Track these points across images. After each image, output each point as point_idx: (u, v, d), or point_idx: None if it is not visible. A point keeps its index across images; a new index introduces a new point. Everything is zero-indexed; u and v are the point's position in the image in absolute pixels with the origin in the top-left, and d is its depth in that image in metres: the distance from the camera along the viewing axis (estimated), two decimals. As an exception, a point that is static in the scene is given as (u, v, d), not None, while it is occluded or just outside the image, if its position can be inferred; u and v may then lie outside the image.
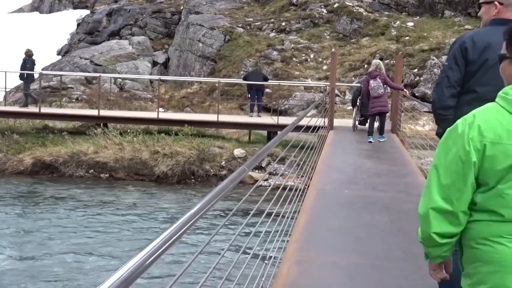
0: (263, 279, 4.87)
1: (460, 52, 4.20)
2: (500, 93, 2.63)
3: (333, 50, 28.93)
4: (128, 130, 21.68)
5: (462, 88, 3.73)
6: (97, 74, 28.69)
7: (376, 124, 16.12)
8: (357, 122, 18.65)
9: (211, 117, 23.10)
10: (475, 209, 2.59)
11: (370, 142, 15.43)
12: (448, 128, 2.69)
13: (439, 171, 2.61)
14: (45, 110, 23.78)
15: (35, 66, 24.83)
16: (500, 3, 4.15)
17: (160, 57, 37.67)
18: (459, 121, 2.62)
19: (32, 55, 24.39)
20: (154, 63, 37.03)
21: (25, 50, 24.68)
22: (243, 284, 4.57)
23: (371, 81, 15.55)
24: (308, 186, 9.38)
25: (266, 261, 5.18)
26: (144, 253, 2.05)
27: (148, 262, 2.03)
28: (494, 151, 2.48)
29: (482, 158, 2.51)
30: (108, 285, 1.77)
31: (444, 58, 26.48)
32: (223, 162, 19.93)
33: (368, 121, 16.42)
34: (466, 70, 4.09)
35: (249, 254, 4.95)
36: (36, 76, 27.38)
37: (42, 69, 33.81)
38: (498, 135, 2.48)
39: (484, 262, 2.54)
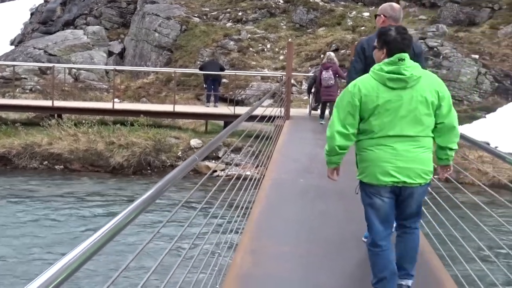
0: (216, 269, 4.85)
1: (361, 50, 5.95)
2: (371, 69, 4.53)
3: (289, 40, 28.95)
4: (83, 121, 21.44)
5: (363, 73, 4.96)
6: (51, 65, 28.23)
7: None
8: (311, 108, 20.63)
9: (167, 108, 22.99)
10: (359, 132, 4.53)
11: (321, 124, 17.39)
12: (345, 88, 4.69)
13: (339, 111, 4.53)
14: (-3, 101, 23.40)
15: None
16: (384, 16, 5.87)
17: (116, 47, 37.27)
18: (349, 84, 4.57)
19: None
20: (110, 53, 36.62)
21: None
22: (195, 275, 4.55)
23: (323, 72, 17.30)
24: (264, 176, 9.39)
25: (219, 251, 5.17)
26: (87, 244, 2.02)
27: (91, 252, 2.00)
28: (366, 99, 4.40)
29: (360, 103, 4.42)
30: (47, 277, 1.74)
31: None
32: (180, 153, 19.84)
33: (320, 107, 18.47)
34: (365, 62, 5.76)
35: (201, 244, 4.93)
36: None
37: (-5, 59, 33.23)
38: (368, 91, 4.41)
39: (364, 161, 4.51)
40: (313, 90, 20.20)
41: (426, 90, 4.39)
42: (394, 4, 5.92)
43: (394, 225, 4.94)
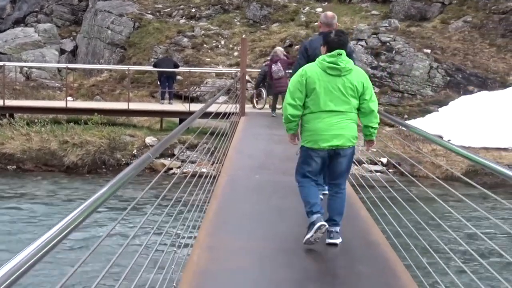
0: (173, 266, 4.83)
1: (304, 49, 7.72)
2: (317, 59, 5.98)
3: (243, 36, 28.96)
4: (36, 120, 21.13)
5: None
6: (1, 63, 27.73)
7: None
8: (255, 102, 21.69)
9: (121, 105, 22.82)
10: (304, 107, 5.94)
11: (273, 116, 18.33)
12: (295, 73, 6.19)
13: (290, 89, 5.98)
14: None
15: None
16: (320, 22, 7.79)
17: (68, 45, 36.84)
18: (299, 69, 6.06)
19: None
20: (62, 51, 36.18)
21: None
22: (152, 271, 4.53)
23: (273, 66, 18.13)
24: (220, 173, 9.38)
25: (175, 248, 5.15)
26: (38, 243, 1.99)
27: (41, 253, 1.98)
28: (309, 80, 5.84)
29: (306, 83, 5.86)
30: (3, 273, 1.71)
31: (352, 43, 26.96)
32: (135, 151, 19.70)
33: (272, 99, 19.42)
34: (308, 58, 7.22)
35: (157, 240, 4.91)
36: None
37: None
38: (312, 74, 5.86)
39: (307, 131, 5.93)
40: (264, 85, 20.92)
41: (354, 80, 5.86)
42: (328, 13, 7.86)
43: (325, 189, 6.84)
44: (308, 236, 5.68)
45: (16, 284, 1.84)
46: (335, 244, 5.88)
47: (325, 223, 5.69)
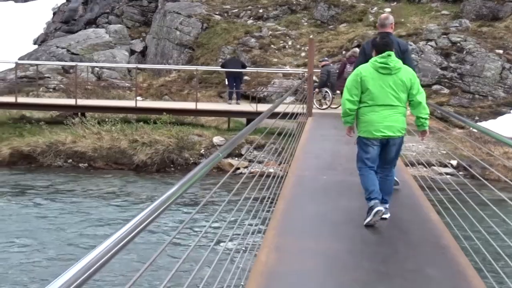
0: (241, 265, 4.85)
1: (363, 50, 8.41)
2: (370, 60, 6.82)
3: (311, 36, 28.86)
4: (106, 119, 21.53)
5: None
6: (74, 63, 28.43)
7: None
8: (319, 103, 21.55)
9: (189, 105, 23.02)
10: (360, 101, 6.76)
11: None
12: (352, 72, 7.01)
13: (348, 86, 6.80)
14: (22, 100, 23.58)
15: None
16: (377, 24, 8.45)
17: (138, 46, 37.42)
18: (356, 70, 6.89)
19: None
20: (132, 52, 36.77)
21: None
22: (220, 271, 4.56)
23: (347, 65, 18.04)
24: (287, 173, 9.37)
25: (243, 248, 5.16)
26: (110, 242, 2.02)
27: (114, 250, 2.01)
28: (364, 79, 6.66)
29: (361, 81, 6.68)
30: (71, 275, 1.75)
31: (421, 43, 26.56)
32: (202, 150, 19.87)
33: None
34: (366, 58, 7.39)
35: (225, 241, 4.93)
36: (12, 65, 27.14)
37: (19, 59, 33.48)
38: (366, 73, 6.68)
39: (363, 122, 6.77)
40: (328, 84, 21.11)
41: (403, 77, 6.71)
42: (382, 15, 8.48)
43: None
44: (368, 219, 6.51)
45: (87, 283, 1.88)
46: (385, 218, 6.72)
47: (382, 209, 6.49)
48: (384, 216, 6.65)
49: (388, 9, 33.02)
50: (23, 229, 13.40)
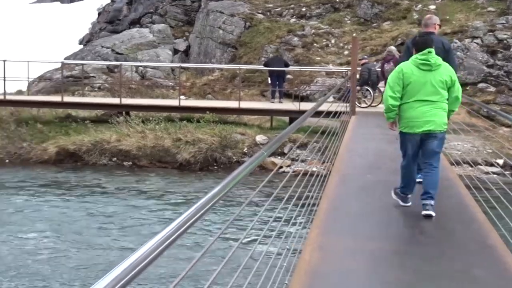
0: (285, 264, 4.84)
1: (406, 48, 8.40)
2: (410, 57, 7.09)
3: (354, 35, 28.70)
4: (150, 118, 21.73)
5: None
6: (118, 63, 28.75)
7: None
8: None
9: (232, 104, 23.07)
10: (402, 97, 6.97)
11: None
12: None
13: (390, 83, 7.03)
14: (67, 99, 23.91)
15: None
16: (422, 24, 8.67)
17: (181, 45, 37.65)
18: (397, 67, 7.17)
19: None
20: (175, 51, 37.01)
21: None
22: (264, 270, 4.55)
23: (385, 64, 18.33)
24: (330, 172, 9.33)
25: (287, 247, 5.15)
26: (156, 240, 2.03)
27: (161, 248, 2.01)
28: (405, 76, 6.90)
29: (402, 78, 6.90)
30: (117, 273, 1.76)
31: (467, 40, 26.19)
32: (245, 149, 19.91)
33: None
34: (409, 55, 7.48)
35: (270, 239, 4.93)
36: (59, 65, 27.56)
37: (65, 59, 33.95)
38: (407, 70, 6.92)
39: (404, 118, 6.99)
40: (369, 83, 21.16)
41: (443, 74, 6.92)
42: (426, 16, 8.79)
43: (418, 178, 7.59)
44: (394, 196, 7.32)
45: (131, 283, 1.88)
46: (430, 216, 6.76)
47: (409, 205, 7.18)
48: (428, 212, 6.78)
49: (432, 6, 32.66)
50: (69, 226, 13.60)
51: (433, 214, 6.76)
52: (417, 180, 7.59)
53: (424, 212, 6.78)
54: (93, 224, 13.75)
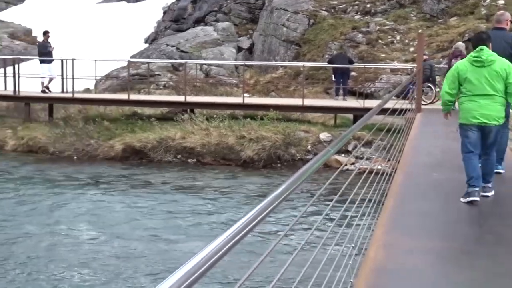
0: (350, 262, 4.82)
1: None
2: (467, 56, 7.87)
3: (420, 31, 28.29)
4: (214, 116, 21.88)
5: None
6: (183, 61, 29.06)
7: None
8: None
9: (296, 102, 23.04)
10: (460, 92, 7.57)
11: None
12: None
13: (447, 79, 7.76)
14: (133, 97, 24.27)
15: None
16: (494, 20, 9.07)
17: (245, 43, 37.78)
18: (454, 65, 7.92)
19: None
20: (239, 49, 37.16)
21: None
22: (330, 266, 4.53)
23: (453, 60, 17.56)
24: (396, 170, 9.23)
25: (353, 245, 5.12)
26: (224, 237, 2.04)
27: (228, 246, 2.02)
28: (460, 73, 7.47)
29: (458, 75, 7.50)
30: (190, 267, 1.77)
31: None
32: (309, 146, 19.87)
33: None
34: None
35: (335, 237, 4.91)
36: (125, 64, 28.03)
37: (130, 57, 34.48)
38: (461, 67, 7.50)
39: (462, 110, 7.55)
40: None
41: (498, 68, 7.28)
42: (498, 11, 9.28)
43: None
44: (462, 200, 7.27)
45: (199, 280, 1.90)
46: (487, 196, 7.46)
47: (477, 199, 7.21)
48: (486, 193, 7.51)
49: (501, 1, 31.92)
50: (134, 222, 13.82)
51: (492, 194, 7.56)
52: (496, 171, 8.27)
53: (482, 194, 7.43)
54: (158, 221, 13.94)
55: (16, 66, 24.14)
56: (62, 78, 24.74)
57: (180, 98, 23.87)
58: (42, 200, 15.78)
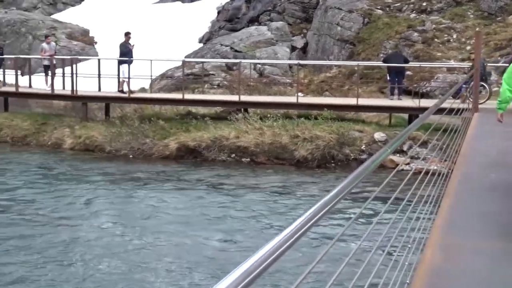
0: (406, 263, 4.78)
1: None
2: None
3: (477, 29, 27.83)
4: (268, 115, 21.91)
5: None
6: (237, 60, 29.17)
7: None
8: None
9: (350, 101, 22.92)
10: None
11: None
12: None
13: (506, 78, 8.06)
14: (188, 96, 24.45)
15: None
16: None
17: (299, 42, 37.73)
18: None
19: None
20: (293, 48, 37.13)
21: None
22: (387, 267, 4.50)
23: None
24: (452, 170, 9.10)
25: (409, 246, 5.08)
26: (281, 237, 2.04)
27: (285, 246, 2.02)
28: None
29: None
30: (247, 267, 1.78)
31: None
32: (363, 146, 19.74)
33: None
34: None
35: (391, 238, 4.87)
36: (180, 63, 28.28)
37: (185, 57, 34.76)
38: None
39: None
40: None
41: None
42: None
43: None
44: None
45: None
46: None
47: None
48: None
49: (562, -1, 31.17)
50: (188, 221, 13.94)
51: None
52: None
53: None
54: (212, 220, 14.02)
55: (74, 66, 24.59)
56: (118, 78, 25.10)
57: (234, 98, 23.97)
58: (98, 197, 16.07)
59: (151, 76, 26.84)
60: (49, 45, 26.73)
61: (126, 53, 24.17)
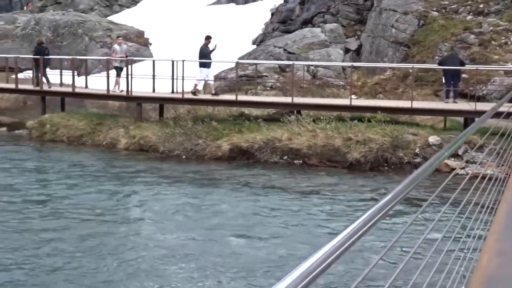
0: (462, 269, 4.69)
1: None
2: None
3: (536, 31, 27.23)
4: (321, 117, 21.83)
5: None
6: (290, 62, 29.13)
7: None
8: None
9: (404, 104, 22.67)
10: None
11: None
12: None
13: None
14: (241, 98, 24.52)
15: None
16: None
17: (352, 44, 37.52)
18: None
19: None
20: (346, 50, 36.95)
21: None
22: (442, 273, 4.42)
23: None
24: (509, 175, 8.91)
25: (465, 251, 4.98)
26: (338, 239, 2.02)
27: (343, 248, 2.00)
28: None
29: None
30: (306, 268, 1.76)
31: None
32: (417, 150, 19.51)
33: None
34: None
35: (446, 244, 4.79)
36: (233, 65, 28.39)
37: (239, 59, 34.90)
38: None
39: None
40: None
41: None
42: None
43: None
44: None
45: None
46: None
47: None
48: None
49: None
50: (239, 222, 13.96)
51: None
52: None
53: None
54: (264, 222, 14.02)
55: (129, 67, 24.90)
56: (173, 79, 25.32)
57: (287, 100, 23.96)
58: (154, 197, 16.24)
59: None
60: (120, 46, 26.91)
61: (205, 56, 24.34)
